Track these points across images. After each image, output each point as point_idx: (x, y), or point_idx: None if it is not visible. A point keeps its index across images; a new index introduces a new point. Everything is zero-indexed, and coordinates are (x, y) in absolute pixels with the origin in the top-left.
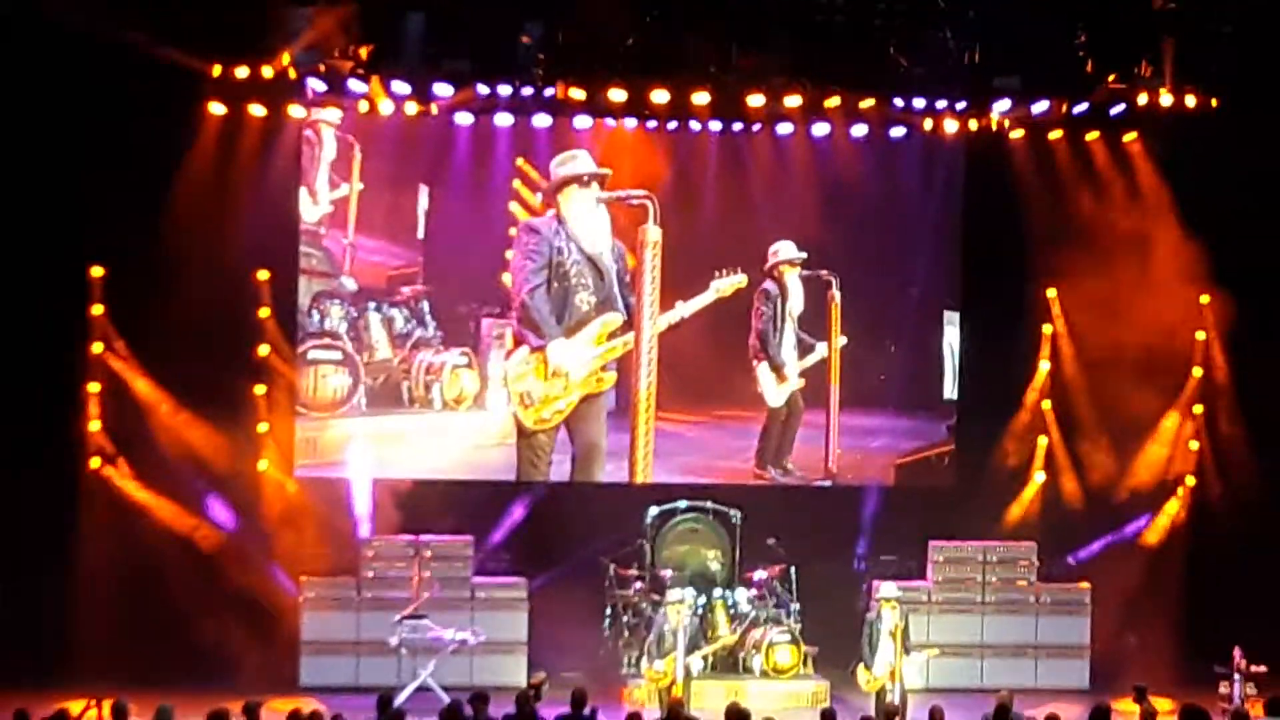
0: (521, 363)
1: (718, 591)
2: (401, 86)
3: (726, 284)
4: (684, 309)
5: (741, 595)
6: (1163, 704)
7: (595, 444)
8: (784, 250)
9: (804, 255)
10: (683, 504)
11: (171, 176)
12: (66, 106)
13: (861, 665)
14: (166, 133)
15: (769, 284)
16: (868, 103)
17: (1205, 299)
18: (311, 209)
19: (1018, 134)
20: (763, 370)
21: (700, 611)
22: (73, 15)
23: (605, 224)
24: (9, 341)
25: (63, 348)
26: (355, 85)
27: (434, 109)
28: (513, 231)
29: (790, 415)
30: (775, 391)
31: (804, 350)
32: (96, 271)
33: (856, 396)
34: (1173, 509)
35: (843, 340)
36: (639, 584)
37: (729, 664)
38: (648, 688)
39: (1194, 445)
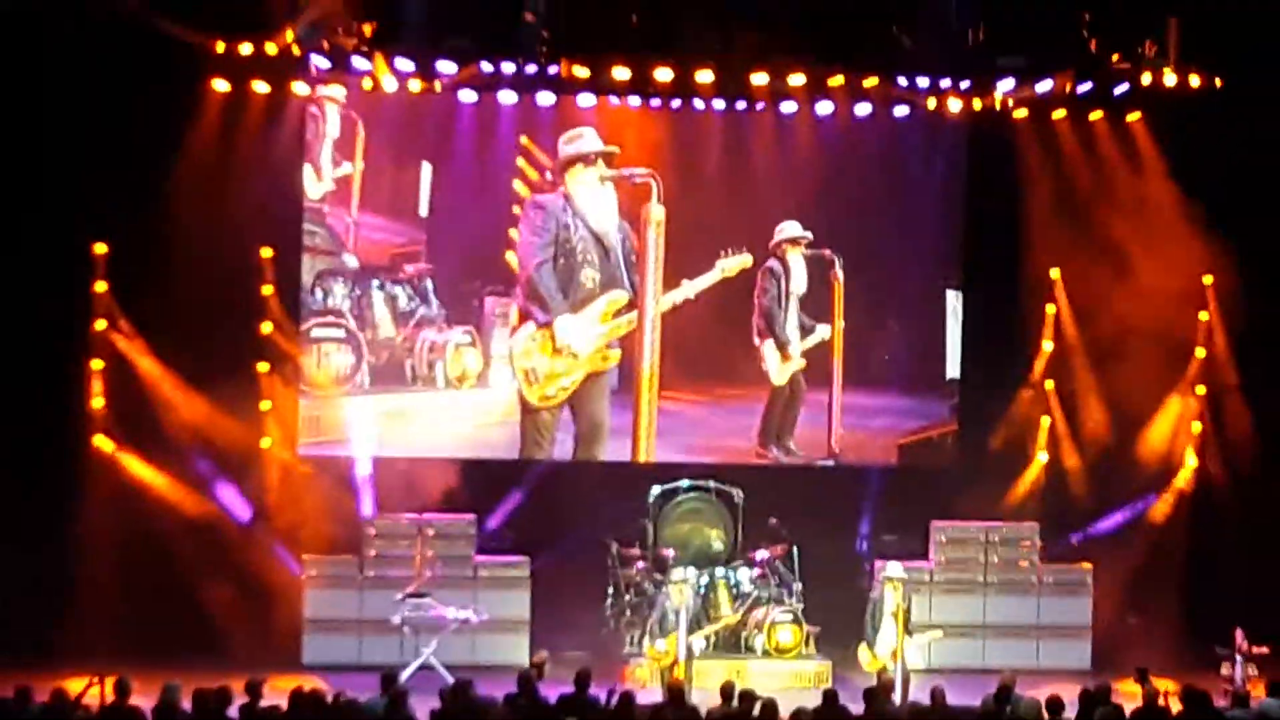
0: (527, 339)
1: (720, 571)
2: (405, 64)
3: (732, 263)
4: (689, 288)
5: (744, 575)
6: (1165, 685)
7: (599, 423)
8: (788, 229)
9: (808, 235)
10: (685, 483)
11: (175, 154)
12: (69, 83)
13: (864, 645)
14: (170, 110)
15: (773, 262)
16: (871, 81)
17: (1208, 279)
18: (315, 186)
19: (1021, 113)
20: (768, 348)
21: (702, 591)
22: None
23: (612, 202)
24: (12, 319)
25: (66, 325)
26: (359, 62)
27: (438, 86)
28: (516, 210)
29: (792, 395)
30: (780, 370)
31: (805, 331)
32: (99, 248)
33: (859, 376)
34: (1175, 490)
35: (844, 321)
36: (641, 563)
37: (731, 644)
38: (649, 667)
39: (1196, 426)
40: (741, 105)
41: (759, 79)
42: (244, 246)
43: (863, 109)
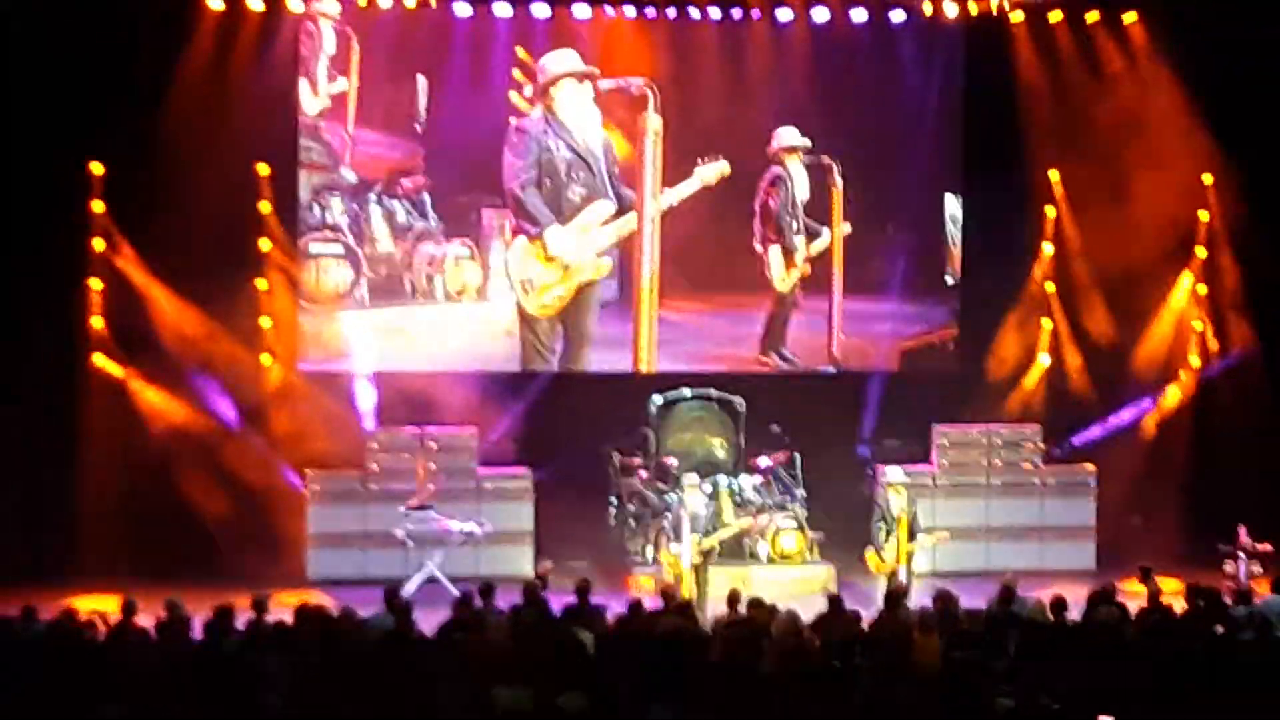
0: (522, 250)
1: (723, 479)
2: None
3: (710, 170)
4: (671, 195)
5: (747, 482)
6: (1169, 584)
7: (584, 332)
8: (785, 136)
9: (807, 142)
10: (687, 392)
11: (171, 72)
12: (65, 3)
13: (870, 549)
14: (165, 28)
15: (778, 169)
16: None
17: (1208, 179)
18: (311, 102)
19: (1018, 16)
20: (774, 254)
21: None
22: None
23: (596, 119)
24: (11, 239)
25: (64, 245)
26: None
27: (432, 0)
28: (513, 121)
29: (792, 302)
30: (784, 277)
31: (810, 236)
32: (97, 168)
33: (860, 282)
34: (1178, 389)
35: (846, 227)
36: (643, 472)
37: (735, 551)
38: (666, 571)
39: (1198, 325)
40: (737, 14)
41: None
42: (241, 163)
43: (859, 15)
